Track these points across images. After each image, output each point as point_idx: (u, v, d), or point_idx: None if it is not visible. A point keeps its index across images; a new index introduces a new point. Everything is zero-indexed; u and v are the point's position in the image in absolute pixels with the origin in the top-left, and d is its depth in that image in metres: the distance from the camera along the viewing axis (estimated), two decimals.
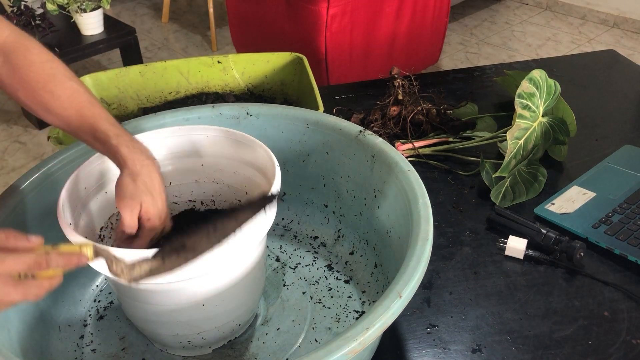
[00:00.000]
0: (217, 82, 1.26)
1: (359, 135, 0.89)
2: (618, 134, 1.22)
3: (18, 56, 0.73)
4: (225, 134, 0.85)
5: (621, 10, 3.28)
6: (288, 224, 1.00)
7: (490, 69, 1.46)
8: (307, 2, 2.02)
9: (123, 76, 1.20)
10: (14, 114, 2.67)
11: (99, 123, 0.73)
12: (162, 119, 0.95)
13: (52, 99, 0.74)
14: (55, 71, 0.75)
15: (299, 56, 1.24)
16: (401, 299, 0.62)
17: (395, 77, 1.20)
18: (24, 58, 0.73)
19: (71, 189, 0.75)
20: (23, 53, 0.73)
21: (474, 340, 0.80)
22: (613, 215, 0.97)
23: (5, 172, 2.32)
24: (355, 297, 0.87)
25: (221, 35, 3.31)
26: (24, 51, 0.74)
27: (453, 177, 1.10)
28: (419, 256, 0.67)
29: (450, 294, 0.87)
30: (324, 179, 0.96)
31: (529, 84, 1.03)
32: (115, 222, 0.85)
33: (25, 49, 0.74)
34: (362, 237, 0.93)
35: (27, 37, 0.75)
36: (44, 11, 2.46)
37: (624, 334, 0.81)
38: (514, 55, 3.04)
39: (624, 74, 1.44)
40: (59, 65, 0.75)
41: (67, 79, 0.75)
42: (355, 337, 0.58)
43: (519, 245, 0.92)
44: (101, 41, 2.46)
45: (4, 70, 0.73)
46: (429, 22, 2.44)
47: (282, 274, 0.92)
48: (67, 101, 0.74)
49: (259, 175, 0.84)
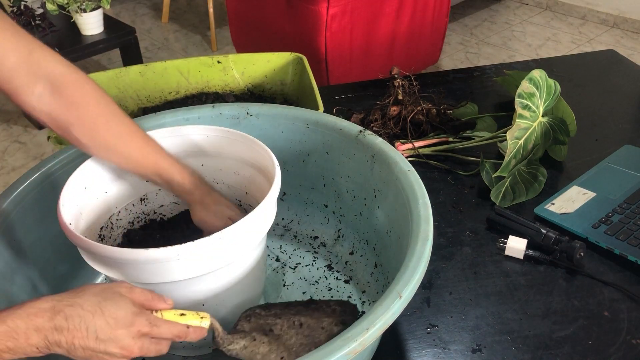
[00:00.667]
0: (217, 82, 1.26)
1: (359, 135, 0.89)
2: (618, 134, 1.22)
3: (72, 89, 0.71)
4: (225, 134, 0.85)
5: (621, 10, 3.28)
6: (288, 224, 1.00)
7: (490, 69, 1.46)
8: (307, 2, 2.02)
9: (123, 76, 1.20)
10: (14, 114, 2.67)
11: (160, 162, 0.78)
12: (162, 119, 0.95)
13: (114, 137, 0.74)
14: (111, 108, 0.74)
15: (299, 56, 1.24)
16: (401, 299, 0.62)
17: (395, 77, 1.20)
18: (80, 93, 0.71)
19: (71, 189, 0.75)
20: (77, 86, 0.71)
21: (474, 340, 0.80)
22: (613, 215, 0.97)
23: (5, 172, 2.32)
24: (355, 297, 0.87)
25: (221, 35, 3.31)
26: (78, 85, 0.71)
27: (453, 177, 1.10)
28: (419, 256, 0.67)
29: (450, 294, 0.87)
30: (324, 179, 0.96)
31: (529, 84, 1.03)
32: (115, 221, 0.85)
33: (79, 83, 0.72)
34: (362, 237, 0.93)
35: (77, 69, 0.72)
36: (44, 11, 2.46)
37: (624, 334, 0.81)
38: (514, 55, 3.04)
39: (624, 73, 1.44)
40: (111, 101, 0.75)
41: (123, 116, 0.75)
42: (355, 337, 0.58)
43: (519, 245, 0.92)
44: (101, 41, 2.46)
45: (56, 104, 0.70)
46: (429, 22, 2.44)
47: (282, 274, 0.92)
48: (129, 140, 0.76)
49: (259, 175, 0.84)
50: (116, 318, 0.58)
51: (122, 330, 0.58)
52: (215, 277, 0.72)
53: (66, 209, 0.72)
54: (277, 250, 0.96)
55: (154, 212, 0.90)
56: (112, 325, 0.57)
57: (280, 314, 0.73)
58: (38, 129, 2.55)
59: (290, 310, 0.74)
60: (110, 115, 0.74)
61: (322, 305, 0.75)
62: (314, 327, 0.70)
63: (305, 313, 0.73)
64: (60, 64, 0.70)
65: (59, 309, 0.56)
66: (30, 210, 0.81)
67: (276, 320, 0.72)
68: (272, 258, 0.95)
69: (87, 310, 0.57)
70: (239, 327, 0.72)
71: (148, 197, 0.89)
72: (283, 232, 1.00)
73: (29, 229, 0.81)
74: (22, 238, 0.80)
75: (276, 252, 0.96)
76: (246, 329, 0.71)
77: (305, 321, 0.71)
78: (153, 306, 0.63)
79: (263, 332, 0.70)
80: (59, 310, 0.56)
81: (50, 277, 0.84)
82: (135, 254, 0.64)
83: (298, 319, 0.71)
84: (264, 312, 0.74)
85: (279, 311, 0.74)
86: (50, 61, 0.69)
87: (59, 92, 0.70)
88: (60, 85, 0.70)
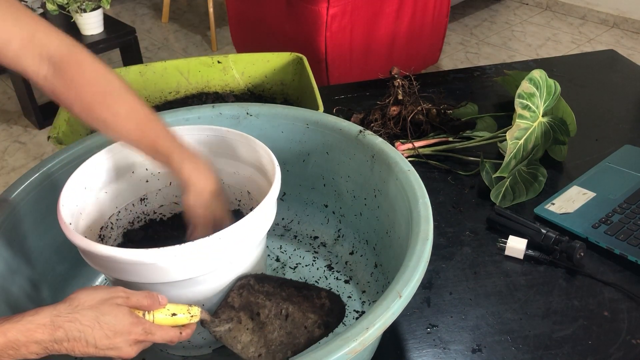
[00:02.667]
0: (217, 82, 1.26)
1: (359, 135, 0.89)
2: (618, 134, 1.22)
3: (71, 69, 0.71)
4: (225, 134, 0.85)
5: (621, 10, 3.28)
6: (288, 224, 1.00)
7: (490, 69, 1.46)
8: (307, 2, 2.02)
9: (123, 76, 1.20)
10: (14, 114, 2.67)
11: (160, 139, 0.75)
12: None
13: (111, 115, 0.73)
14: (111, 86, 0.74)
15: (299, 56, 1.24)
16: (401, 299, 0.62)
17: (395, 77, 1.20)
18: (78, 72, 0.71)
19: (71, 189, 0.75)
20: (76, 66, 0.71)
21: (474, 340, 0.80)
22: (613, 215, 0.97)
23: (5, 172, 2.32)
24: (355, 297, 0.87)
25: (221, 35, 3.31)
26: (76, 65, 0.71)
27: (453, 177, 1.10)
28: (419, 256, 0.67)
29: (450, 294, 0.87)
30: (324, 179, 0.96)
31: (529, 84, 1.03)
32: (115, 221, 0.85)
33: (78, 63, 0.71)
34: (362, 237, 0.93)
35: (79, 48, 0.72)
36: (44, 11, 2.46)
37: (624, 334, 0.81)
38: (514, 55, 3.04)
39: (624, 74, 1.44)
40: (113, 79, 0.74)
41: (124, 92, 0.74)
42: (355, 337, 0.58)
43: (519, 245, 0.92)
44: (101, 41, 2.46)
45: (58, 84, 0.71)
46: (429, 22, 2.44)
47: (282, 274, 0.92)
48: (126, 117, 0.74)
49: (259, 175, 0.84)
50: (114, 330, 0.60)
51: (120, 339, 0.61)
52: (215, 277, 0.72)
53: (66, 209, 0.72)
54: (277, 250, 0.96)
55: (154, 212, 0.90)
56: (110, 336, 0.60)
57: (272, 293, 0.74)
58: (38, 129, 2.55)
59: (282, 292, 0.75)
60: (108, 94, 0.73)
61: (313, 294, 0.75)
62: (298, 323, 0.72)
63: (295, 300, 0.74)
64: (63, 43, 0.71)
65: (58, 324, 0.58)
66: (30, 210, 0.81)
67: (265, 302, 0.73)
68: (272, 258, 0.95)
69: (86, 325, 0.59)
70: (229, 299, 0.73)
71: (148, 197, 0.89)
72: (283, 232, 1.00)
73: (29, 229, 0.81)
74: (22, 238, 0.80)
75: (276, 252, 0.96)
76: (236, 304, 0.73)
77: (292, 312, 0.72)
78: (149, 309, 0.65)
79: (250, 313, 0.72)
80: (58, 326, 0.58)
81: (50, 277, 0.84)
82: (135, 254, 0.64)
83: (286, 307, 0.73)
84: (257, 286, 0.75)
85: (272, 289, 0.75)
86: (54, 41, 0.70)
87: (60, 72, 0.71)
88: (61, 65, 0.71)
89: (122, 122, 0.74)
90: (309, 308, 0.73)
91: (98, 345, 0.59)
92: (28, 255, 0.80)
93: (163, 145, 0.75)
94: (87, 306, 0.60)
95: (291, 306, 0.73)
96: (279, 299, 0.74)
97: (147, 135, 0.75)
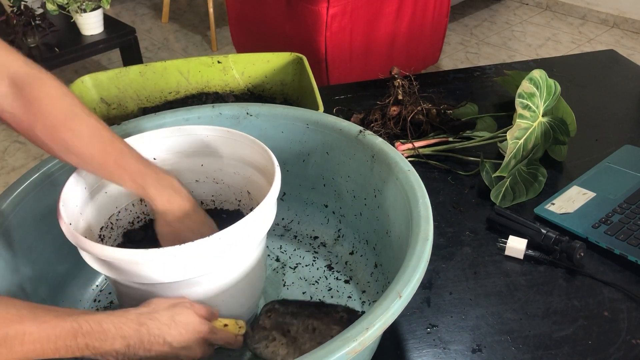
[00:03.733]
0: (217, 82, 1.26)
1: (359, 135, 0.89)
2: (618, 134, 1.22)
3: (33, 89, 0.69)
4: (225, 134, 0.85)
5: (621, 10, 3.28)
6: (288, 224, 1.00)
7: (490, 69, 1.46)
8: (307, 2, 2.02)
9: (123, 76, 1.20)
10: None
11: (124, 162, 0.74)
12: (162, 119, 0.95)
13: (73, 137, 0.71)
14: (73, 107, 0.72)
15: (299, 56, 1.24)
16: (401, 299, 0.62)
17: (395, 77, 1.20)
18: (40, 91, 0.69)
19: (71, 189, 0.75)
20: (38, 86, 0.69)
21: (474, 340, 0.80)
22: (613, 215, 0.97)
23: (5, 172, 2.32)
24: (355, 297, 0.87)
25: (221, 35, 3.31)
26: (38, 84, 0.69)
27: (453, 177, 1.10)
28: (419, 256, 0.67)
29: (450, 294, 0.87)
30: (324, 179, 0.96)
31: (529, 84, 1.03)
32: (115, 221, 0.85)
33: (40, 82, 0.70)
34: (362, 237, 0.93)
35: (40, 70, 0.71)
36: (44, 11, 2.46)
37: (624, 334, 0.81)
38: (514, 55, 3.04)
39: (624, 74, 1.44)
40: (74, 100, 0.72)
41: (86, 115, 0.72)
42: (355, 337, 0.58)
43: (519, 245, 0.92)
44: (101, 41, 2.46)
45: (18, 105, 0.68)
46: (429, 22, 2.44)
47: (282, 274, 0.92)
48: (89, 140, 0.72)
49: (259, 175, 0.84)
50: (186, 328, 0.66)
51: (191, 336, 0.67)
52: (215, 277, 0.72)
53: (66, 209, 0.72)
54: (277, 250, 0.96)
55: None
56: (183, 333, 0.66)
57: (297, 313, 0.78)
58: None
59: (304, 310, 0.79)
60: (71, 115, 0.71)
61: (331, 310, 0.79)
62: (324, 334, 0.76)
63: (317, 316, 0.78)
64: (23, 63, 0.70)
65: (142, 321, 0.64)
66: (30, 210, 0.81)
67: (293, 321, 0.78)
68: (272, 258, 0.95)
69: (164, 324, 0.65)
70: (260, 322, 0.78)
71: None
72: (283, 232, 1.00)
73: (29, 229, 0.81)
74: (22, 238, 0.80)
75: (276, 252, 0.96)
76: (267, 325, 0.77)
77: (318, 326, 0.77)
78: (208, 318, 0.70)
79: (282, 331, 0.76)
80: (142, 323, 0.64)
81: (51, 277, 0.84)
82: (135, 254, 0.64)
83: (312, 323, 0.77)
84: (282, 309, 0.79)
85: (295, 310, 0.79)
86: (13, 61, 0.69)
87: (20, 91, 0.69)
88: (22, 84, 0.69)
89: (85, 144, 0.72)
90: (331, 322, 0.77)
91: (173, 344, 0.65)
92: (28, 255, 0.80)
93: (127, 168, 0.74)
94: (163, 307, 0.67)
95: (315, 321, 0.77)
96: (303, 316, 0.78)
97: (109, 157, 0.73)
